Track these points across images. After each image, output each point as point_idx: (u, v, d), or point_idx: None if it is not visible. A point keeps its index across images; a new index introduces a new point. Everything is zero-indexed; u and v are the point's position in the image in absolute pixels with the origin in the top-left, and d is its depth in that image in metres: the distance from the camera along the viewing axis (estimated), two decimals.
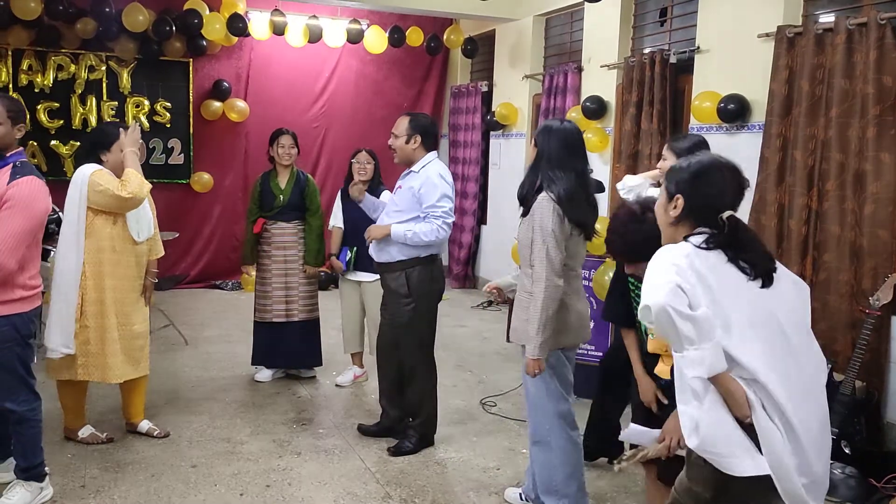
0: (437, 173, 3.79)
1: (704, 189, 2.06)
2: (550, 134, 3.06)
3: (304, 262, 4.96)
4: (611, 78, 6.23)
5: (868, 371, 4.05)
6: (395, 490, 3.55)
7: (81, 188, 3.61)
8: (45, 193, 3.09)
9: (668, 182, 2.14)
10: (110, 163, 3.69)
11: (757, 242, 2.10)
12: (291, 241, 4.95)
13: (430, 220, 3.74)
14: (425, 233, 3.73)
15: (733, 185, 2.08)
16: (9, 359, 3.05)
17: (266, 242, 4.96)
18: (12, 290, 3.00)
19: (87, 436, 3.91)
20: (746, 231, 2.09)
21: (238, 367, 5.29)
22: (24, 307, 3.06)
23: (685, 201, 2.07)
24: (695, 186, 2.07)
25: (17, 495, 3.17)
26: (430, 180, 3.76)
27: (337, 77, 8.56)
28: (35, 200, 3.01)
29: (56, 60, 7.36)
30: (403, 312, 3.85)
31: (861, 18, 4.15)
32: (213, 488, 3.50)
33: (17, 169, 3.03)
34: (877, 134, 4.07)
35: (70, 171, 7.50)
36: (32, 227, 3.02)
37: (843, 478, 3.73)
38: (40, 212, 3.06)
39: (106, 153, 3.69)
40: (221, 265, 8.17)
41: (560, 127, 3.09)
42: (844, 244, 4.24)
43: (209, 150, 8.06)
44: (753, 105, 4.88)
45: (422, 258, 3.81)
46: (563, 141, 3.05)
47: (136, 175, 3.61)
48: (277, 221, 4.94)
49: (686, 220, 2.08)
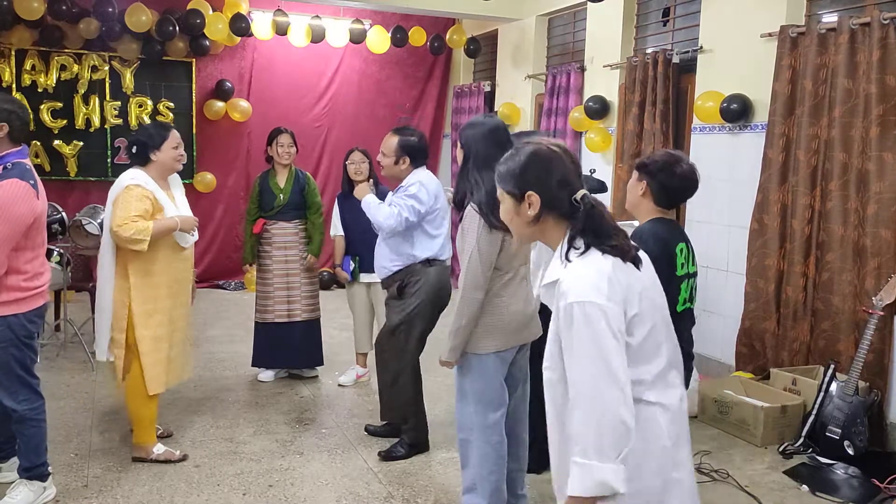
0: (419, 180, 3.80)
1: (550, 175, 1.82)
2: (475, 131, 2.94)
3: (305, 255, 4.95)
4: (613, 78, 6.23)
5: (871, 371, 4.05)
6: (397, 490, 3.55)
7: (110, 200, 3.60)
8: (28, 197, 2.96)
9: (506, 184, 1.88)
10: (159, 161, 3.62)
11: (614, 221, 1.86)
12: (292, 241, 4.95)
13: (391, 206, 3.77)
14: (383, 213, 3.75)
15: (569, 161, 1.86)
16: (5, 359, 3.06)
17: (267, 242, 4.95)
18: (7, 292, 3.01)
19: (162, 453, 3.74)
20: (603, 209, 1.85)
21: (241, 367, 5.30)
22: (20, 308, 3.06)
23: (539, 195, 1.82)
24: (539, 175, 1.82)
25: (20, 494, 3.18)
26: (409, 182, 3.80)
27: (339, 77, 8.57)
28: (13, 205, 2.92)
29: (59, 60, 7.37)
30: (395, 314, 3.85)
31: (864, 18, 4.15)
32: (215, 488, 3.50)
33: (5, 172, 2.98)
34: (880, 134, 4.06)
35: (73, 171, 7.53)
36: (12, 232, 2.95)
37: (846, 478, 3.73)
38: (20, 215, 2.95)
39: (156, 152, 3.62)
40: (224, 265, 8.18)
41: (483, 122, 2.98)
42: (847, 244, 4.24)
43: (212, 150, 8.07)
44: (756, 105, 4.87)
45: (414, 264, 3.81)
46: (490, 137, 2.91)
47: (149, 231, 3.47)
48: (278, 221, 4.93)
49: (546, 214, 1.83)
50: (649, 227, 2.72)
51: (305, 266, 4.98)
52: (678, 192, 2.74)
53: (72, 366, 5.22)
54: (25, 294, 3.06)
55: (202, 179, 7.95)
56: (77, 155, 7.53)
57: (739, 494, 3.60)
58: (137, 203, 3.49)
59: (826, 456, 3.92)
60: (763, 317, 4.69)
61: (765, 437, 4.16)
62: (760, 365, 4.71)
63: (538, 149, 1.86)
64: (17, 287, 3.03)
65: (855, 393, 3.91)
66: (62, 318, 5.59)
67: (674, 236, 2.72)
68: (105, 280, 3.61)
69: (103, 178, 7.59)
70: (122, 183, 3.55)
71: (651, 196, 2.73)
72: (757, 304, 4.72)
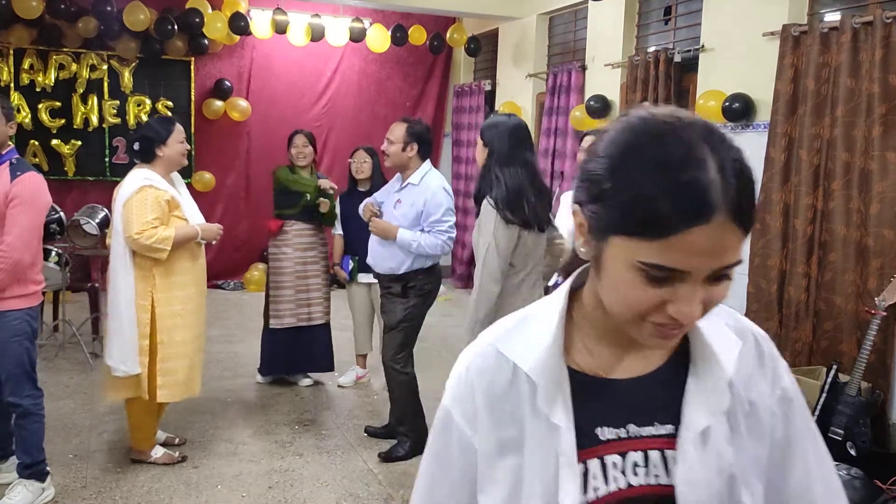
0: (441, 187, 3.77)
1: None
2: (498, 130, 3.06)
3: (324, 255, 4.88)
4: (615, 77, 6.21)
5: (874, 372, 4.03)
6: (397, 491, 3.53)
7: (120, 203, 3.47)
8: (46, 187, 3.16)
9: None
10: (166, 157, 3.54)
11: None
12: (311, 243, 4.82)
13: (435, 235, 3.71)
14: (431, 246, 3.71)
15: None
16: (19, 353, 3.10)
17: (284, 244, 4.78)
18: (26, 285, 3.10)
19: (161, 456, 3.72)
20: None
21: (240, 368, 5.28)
22: (33, 301, 3.16)
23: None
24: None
25: (18, 495, 3.17)
26: (436, 197, 3.73)
27: (339, 76, 8.55)
28: (39, 195, 3.10)
29: (57, 59, 7.35)
30: (397, 310, 3.83)
31: (867, 17, 4.13)
32: (214, 489, 3.48)
33: (14, 166, 3.07)
34: (882, 133, 4.04)
35: (71, 171, 7.51)
36: (40, 222, 3.13)
37: (848, 479, 3.70)
38: (45, 206, 3.16)
39: (163, 147, 3.53)
40: (223, 265, 8.14)
41: (505, 121, 3.11)
42: (850, 244, 4.22)
43: (211, 150, 8.05)
44: (758, 104, 4.85)
45: (424, 269, 3.79)
46: (512, 135, 3.04)
47: (171, 240, 3.40)
48: (297, 222, 4.78)
49: None
50: None
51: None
52: None
53: (70, 366, 5.20)
54: (38, 287, 3.19)
55: (201, 179, 7.93)
56: (75, 154, 7.51)
57: None
58: (153, 206, 3.41)
59: None
60: (765, 317, 4.67)
61: None
62: None
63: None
64: (34, 280, 3.16)
65: (857, 394, 3.89)
66: (60, 318, 5.56)
67: None
68: (120, 289, 3.45)
69: (102, 178, 7.58)
70: (135, 184, 3.43)
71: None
72: (759, 304, 4.70)
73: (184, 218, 3.56)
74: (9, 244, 2.98)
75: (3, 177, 3.02)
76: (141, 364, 3.48)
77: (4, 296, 3.04)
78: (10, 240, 2.99)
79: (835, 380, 4.01)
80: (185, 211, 3.58)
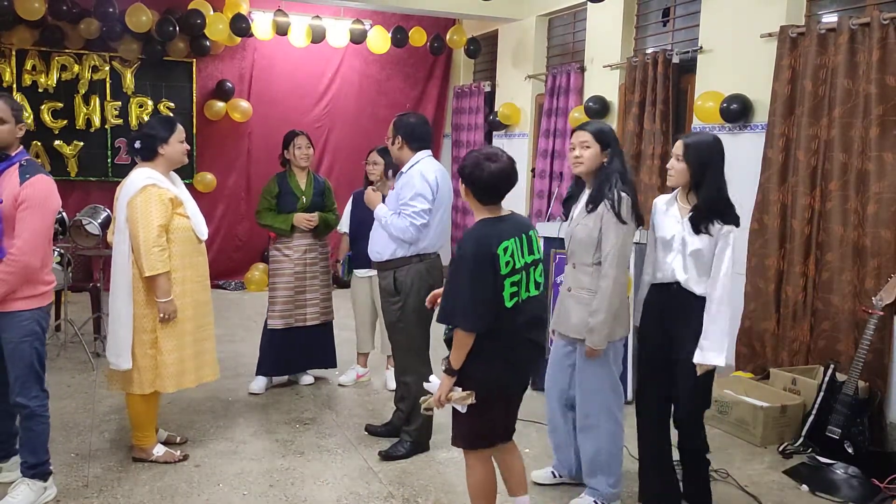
0: (420, 172, 3.77)
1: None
2: (613, 133, 3.31)
3: (325, 257, 4.91)
4: (613, 78, 6.23)
5: (871, 371, 4.05)
6: (397, 489, 3.55)
7: (124, 201, 3.50)
8: (56, 190, 3.15)
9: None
10: (167, 155, 3.57)
11: None
12: (311, 245, 4.83)
13: (402, 217, 3.74)
14: (396, 227, 3.73)
15: None
16: (29, 353, 3.11)
17: (285, 245, 4.81)
18: (35, 285, 3.11)
19: (162, 455, 3.71)
20: None
21: (241, 367, 5.30)
22: (43, 302, 3.17)
23: None
24: None
25: (21, 494, 3.18)
26: (411, 180, 3.77)
27: (340, 77, 8.58)
28: (49, 198, 3.09)
29: (60, 60, 7.38)
30: (391, 311, 3.85)
31: (864, 18, 4.15)
32: (216, 488, 3.50)
33: (24, 168, 3.07)
34: (880, 134, 4.07)
35: (73, 171, 7.54)
36: (50, 225, 3.14)
37: (846, 478, 3.73)
38: (54, 209, 3.15)
39: (164, 146, 3.56)
40: (224, 265, 8.17)
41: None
42: (847, 244, 4.24)
43: (212, 151, 8.08)
44: (756, 105, 4.88)
45: (409, 257, 3.80)
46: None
47: (168, 267, 3.49)
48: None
49: None
50: (471, 230, 2.77)
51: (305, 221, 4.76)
52: (492, 188, 2.78)
53: (72, 366, 5.23)
54: (48, 288, 3.18)
55: (202, 179, 7.95)
56: (77, 155, 7.54)
57: (739, 494, 3.61)
58: (159, 208, 3.44)
59: (826, 456, 3.92)
60: (763, 317, 4.69)
61: (765, 436, 4.16)
62: (760, 365, 4.71)
63: None
64: (44, 281, 3.15)
65: (855, 393, 3.91)
66: (63, 318, 5.59)
67: (497, 236, 2.71)
68: (120, 285, 3.50)
69: (104, 179, 7.61)
70: (138, 183, 3.45)
71: (472, 197, 2.81)
72: (757, 303, 4.72)
73: (186, 216, 3.61)
74: (19, 248, 2.99)
75: (12, 179, 3.02)
76: (150, 357, 3.55)
77: (15, 296, 3.05)
78: (19, 244, 2.99)
79: (832, 379, 4.03)
80: (188, 209, 3.61)
